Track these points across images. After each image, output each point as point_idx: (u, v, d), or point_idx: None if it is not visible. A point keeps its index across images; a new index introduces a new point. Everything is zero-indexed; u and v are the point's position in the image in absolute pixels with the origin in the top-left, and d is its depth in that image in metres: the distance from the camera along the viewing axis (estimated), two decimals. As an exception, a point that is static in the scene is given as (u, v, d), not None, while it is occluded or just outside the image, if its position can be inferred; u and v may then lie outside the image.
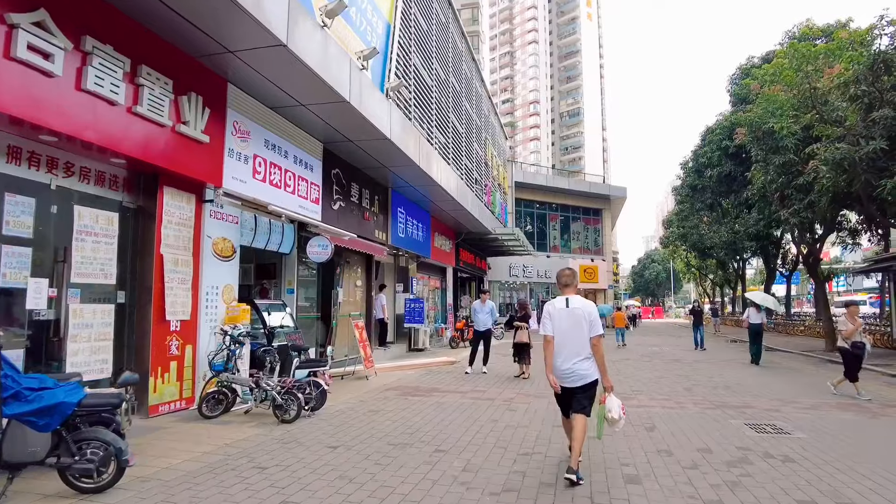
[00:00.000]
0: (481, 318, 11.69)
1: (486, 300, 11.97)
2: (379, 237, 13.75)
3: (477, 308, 11.89)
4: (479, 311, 11.78)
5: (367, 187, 13.02)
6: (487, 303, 11.88)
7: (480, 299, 12.02)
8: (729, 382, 10.55)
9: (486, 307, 11.76)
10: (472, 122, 20.57)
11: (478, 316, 11.75)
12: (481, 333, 11.74)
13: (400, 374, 11.34)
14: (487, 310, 11.73)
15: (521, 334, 11.13)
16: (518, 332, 11.19)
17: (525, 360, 11.03)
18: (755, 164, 18.73)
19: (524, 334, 11.13)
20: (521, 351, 11.09)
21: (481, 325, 11.70)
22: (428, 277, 20.18)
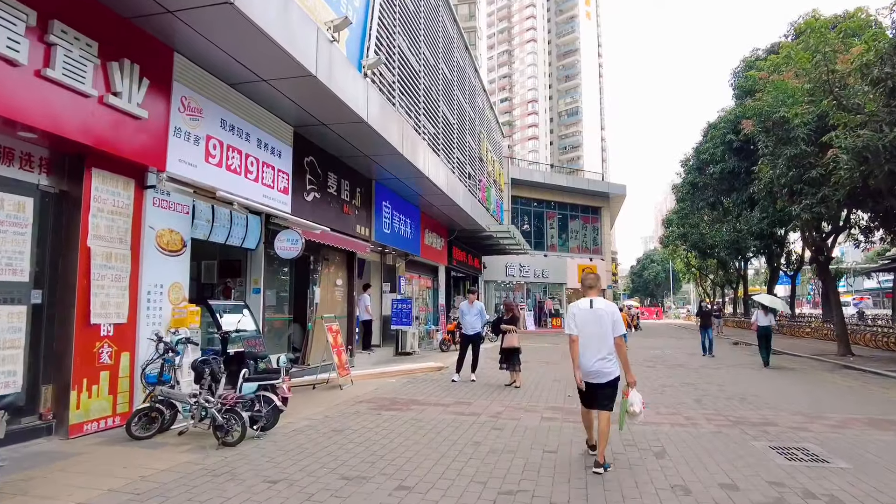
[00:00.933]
0: (469, 321, 10.65)
1: (475, 300, 10.86)
2: (361, 232, 12.73)
3: (464, 309, 10.83)
4: (466, 313, 10.73)
5: (347, 178, 12.01)
6: (476, 303, 10.78)
7: (468, 299, 10.94)
8: (742, 392, 9.55)
9: (475, 308, 10.69)
10: (464, 114, 19.57)
11: (465, 318, 10.70)
12: (469, 338, 10.68)
13: (379, 382, 10.32)
14: (476, 311, 10.66)
15: (510, 338, 10.03)
16: (506, 336, 10.10)
17: (515, 366, 9.98)
18: (762, 159, 17.74)
19: (513, 338, 10.03)
20: (509, 356, 10.04)
21: (469, 329, 10.66)
22: (418, 277, 19.17)
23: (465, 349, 10.70)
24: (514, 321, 10.37)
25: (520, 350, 10.01)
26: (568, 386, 9.88)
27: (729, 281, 47.12)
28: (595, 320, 5.08)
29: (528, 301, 34.47)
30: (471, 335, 10.65)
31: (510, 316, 10.48)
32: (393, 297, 15.80)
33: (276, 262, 10.68)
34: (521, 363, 10.02)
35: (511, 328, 10.15)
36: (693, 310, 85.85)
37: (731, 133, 24.52)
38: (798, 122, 14.22)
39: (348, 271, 13.28)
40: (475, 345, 10.73)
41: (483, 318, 10.72)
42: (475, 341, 10.74)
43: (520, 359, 10.03)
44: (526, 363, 13.99)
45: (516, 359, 9.95)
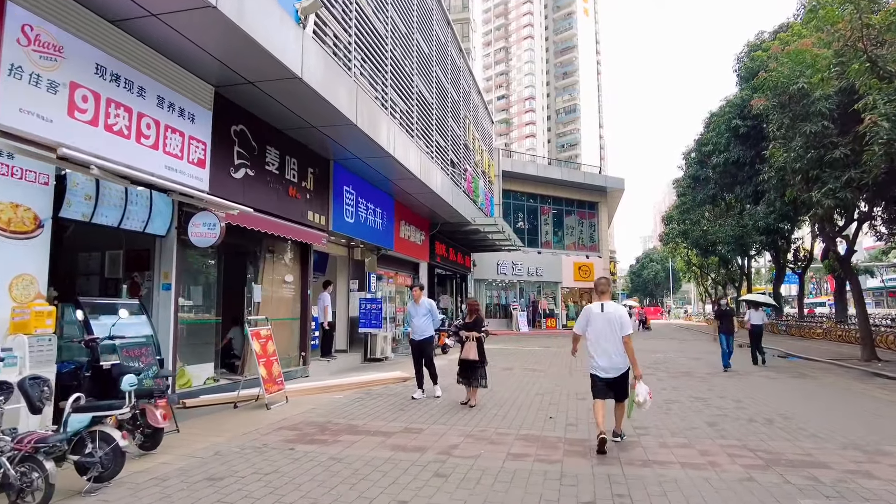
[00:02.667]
0: (417, 324, 8.64)
1: (421, 298, 8.80)
2: (314, 220, 10.92)
3: (410, 309, 8.87)
4: (413, 314, 8.75)
5: (294, 155, 10.20)
6: (423, 301, 8.75)
7: (413, 296, 8.96)
8: (766, 410, 7.74)
9: (422, 307, 8.66)
10: (446, 94, 17.78)
11: (412, 321, 8.74)
12: (417, 344, 8.69)
13: (322, 399, 8.50)
14: (424, 311, 8.65)
15: (469, 348, 7.89)
16: (465, 346, 7.99)
17: (474, 381, 7.91)
18: (773, 142, 15.96)
19: (472, 348, 7.87)
20: (468, 371, 7.94)
21: (417, 333, 8.66)
22: (395, 274, 17.36)
23: (417, 359, 8.74)
24: (476, 325, 8.18)
25: (481, 362, 7.92)
26: (552, 405, 8.07)
27: (731, 279, 45.34)
28: (607, 322, 5.73)
29: (521, 301, 32.68)
30: (418, 341, 8.65)
31: (473, 319, 8.28)
32: (361, 297, 13.99)
33: (200, 254, 8.88)
34: (485, 378, 8.04)
35: (472, 335, 7.96)
36: (694, 310, 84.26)
37: (738, 118, 22.72)
38: (819, 95, 12.42)
39: (301, 266, 11.46)
40: (425, 353, 8.70)
41: (434, 318, 8.72)
42: (424, 348, 8.69)
43: (484, 373, 8.00)
44: (509, 370, 12.25)
45: (477, 373, 7.91)
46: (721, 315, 13.91)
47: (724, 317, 13.72)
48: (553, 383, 10.33)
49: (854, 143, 12.47)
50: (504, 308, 32.58)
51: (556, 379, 11.00)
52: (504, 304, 32.77)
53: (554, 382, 10.44)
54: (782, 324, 28.90)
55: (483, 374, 7.97)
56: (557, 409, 7.72)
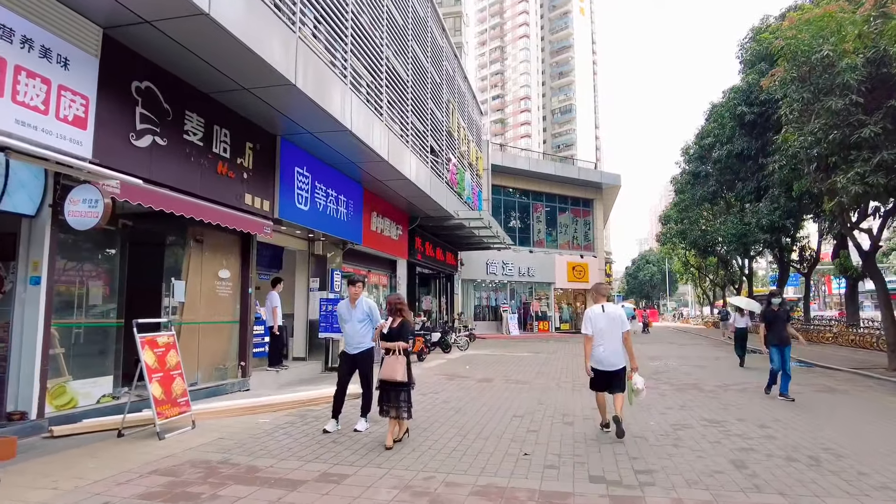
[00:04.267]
0: (350, 331, 6.41)
1: (358, 297, 6.47)
2: (255, 205, 9.20)
3: (343, 312, 6.55)
4: (346, 319, 6.47)
5: (225, 125, 8.48)
6: (361, 303, 6.45)
7: (348, 294, 6.58)
8: (804, 441, 6.05)
9: (359, 310, 6.42)
10: (425, 75, 16.08)
11: (345, 327, 6.50)
12: (351, 358, 6.45)
13: (240, 423, 6.76)
14: (361, 315, 6.41)
15: (391, 365, 5.62)
16: (386, 361, 5.68)
17: (401, 409, 5.65)
18: (786, 126, 14.37)
19: (397, 365, 5.61)
20: (391, 396, 5.68)
21: (353, 345, 6.42)
22: (367, 272, 15.65)
23: (343, 378, 6.40)
24: (403, 333, 5.85)
25: (409, 384, 5.72)
26: (531, 433, 6.36)
27: (731, 281, 43.78)
28: (608, 322, 6.22)
29: (511, 302, 30.99)
30: (352, 355, 6.43)
31: (399, 324, 5.92)
32: (322, 297, 12.26)
33: (95, 241, 7.16)
34: (410, 406, 5.77)
35: (398, 346, 5.70)
36: (691, 312, 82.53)
37: (743, 104, 21.11)
38: (845, 66, 10.78)
39: (242, 260, 9.74)
40: (363, 370, 6.45)
41: (374, 324, 6.59)
42: (362, 365, 6.45)
43: (409, 399, 5.77)
44: (488, 382, 10.53)
45: (402, 398, 5.67)
46: (772, 318, 9.28)
47: (776, 321, 9.20)
48: (537, 399, 8.63)
49: (886, 120, 10.85)
50: (494, 310, 30.88)
51: (542, 393, 9.30)
52: (494, 305, 31.06)
53: (538, 398, 8.74)
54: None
55: (408, 400, 5.73)
56: (537, 439, 6.01)
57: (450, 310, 25.85)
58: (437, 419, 7.01)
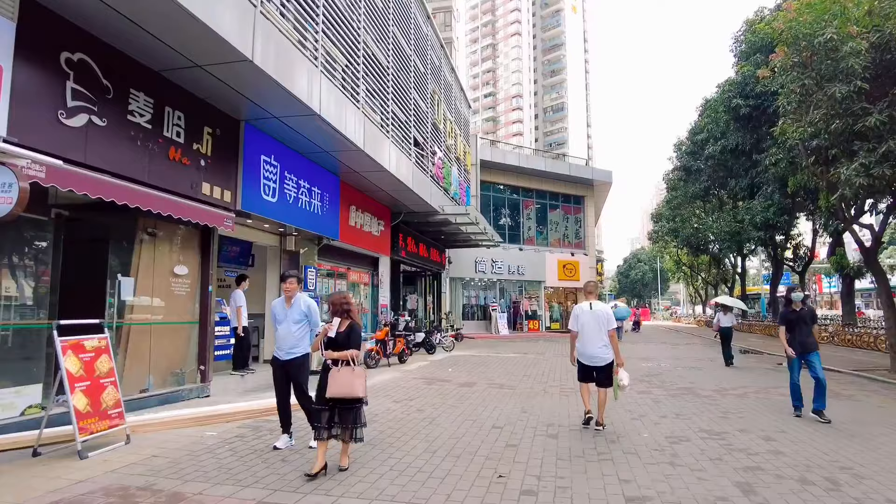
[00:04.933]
0: (283, 333, 5.52)
1: (295, 295, 5.57)
2: (214, 196, 8.43)
3: (276, 311, 5.66)
4: (280, 318, 5.58)
5: (179, 107, 7.70)
6: (298, 300, 5.56)
7: (284, 293, 5.66)
8: (817, 458, 5.38)
9: (296, 309, 5.52)
10: (408, 61, 15.34)
11: (278, 329, 5.61)
12: (282, 365, 5.52)
13: (183, 437, 6.00)
14: (298, 314, 5.51)
15: (346, 378, 4.61)
16: (337, 374, 4.63)
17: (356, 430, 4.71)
18: (784, 118, 13.76)
19: (354, 378, 4.62)
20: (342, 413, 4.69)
21: (283, 347, 5.52)
22: (346, 269, 14.90)
23: (281, 387, 5.54)
24: (352, 339, 4.78)
25: (360, 402, 4.74)
26: (510, 448, 5.65)
27: (724, 279, 43.40)
28: (594, 319, 6.52)
29: (501, 301, 30.31)
30: (284, 361, 5.50)
31: (345, 326, 4.83)
32: (293, 295, 11.48)
33: (19, 232, 6.37)
34: (362, 425, 4.75)
35: (348, 355, 4.68)
36: (683, 311, 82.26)
37: (738, 97, 20.49)
38: (849, 50, 10.15)
39: (202, 255, 8.96)
40: (294, 378, 5.51)
41: (313, 327, 5.62)
42: (295, 373, 5.49)
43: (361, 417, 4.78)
44: (470, 387, 9.80)
45: (353, 417, 4.69)
46: (793, 319, 7.56)
47: (798, 324, 7.51)
48: (521, 407, 7.93)
49: (892, 108, 10.24)
50: (483, 309, 30.19)
51: (527, 399, 8.60)
52: (483, 304, 30.37)
53: (522, 405, 8.04)
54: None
55: (361, 419, 4.73)
56: (515, 455, 5.31)
57: (437, 309, 25.13)
58: (406, 431, 6.28)
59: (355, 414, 4.68)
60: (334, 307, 4.90)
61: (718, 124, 23.83)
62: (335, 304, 4.91)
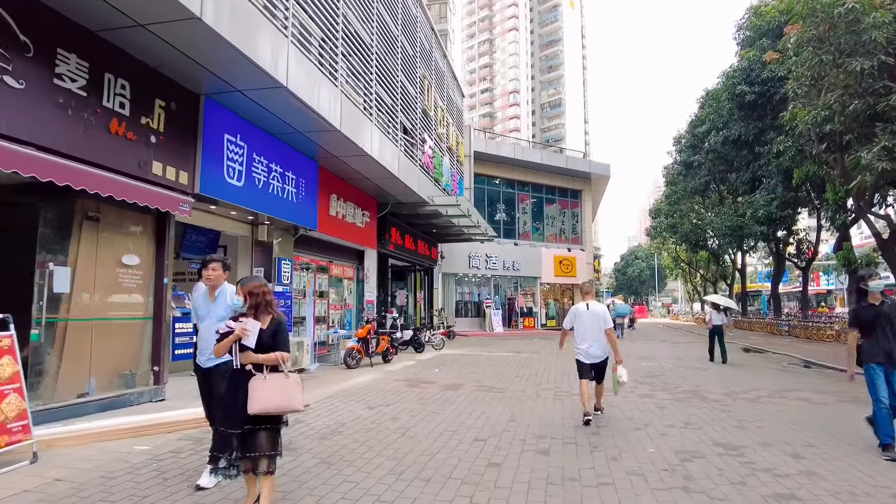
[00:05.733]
0: (207, 334, 4.36)
1: (221, 285, 4.51)
2: (166, 176, 7.51)
3: (199, 305, 4.63)
4: (201, 313, 4.60)
5: (122, 74, 6.76)
6: (225, 293, 4.44)
7: (205, 282, 4.58)
8: (862, 480, 4.52)
9: (220, 304, 4.42)
10: (395, 42, 14.41)
11: (199, 325, 4.64)
12: (204, 374, 4.53)
13: (106, 452, 5.10)
14: (224, 310, 4.28)
15: (279, 386, 3.52)
16: (263, 384, 3.50)
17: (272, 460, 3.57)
18: (794, 102, 12.93)
19: (290, 387, 3.56)
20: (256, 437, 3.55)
21: (206, 353, 4.41)
22: (328, 262, 13.99)
23: (207, 402, 4.54)
24: (277, 338, 3.63)
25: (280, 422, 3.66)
26: (491, 468, 4.77)
27: (723, 276, 42.63)
28: (592, 319, 6.79)
29: (495, 297, 29.45)
30: (206, 369, 4.44)
31: (269, 322, 3.65)
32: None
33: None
34: (277, 452, 3.63)
35: (271, 359, 3.55)
36: (681, 308, 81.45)
37: (744, 84, 19.59)
38: (871, 22, 9.27)
39: (157, 243, 8.05)
40: (217, 391, 4.27)
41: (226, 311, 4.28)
42: (217, 383, 4.27)
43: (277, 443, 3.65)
44: (456, 389, 8.89)
45: (272, 442, 3.59)
46: (871, 318, 5.53)
47: (877, 323, 5.47)
48: (509, 414, 7.05)
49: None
50: (477, 306, 29.31)
51: (517, 404, 7.73)
52: (477, 301, 29.50)
53: (511, 412, 7.16)
54: (783, 324, 25.98)
55: (277, 444, 3.62)
56: (497, 479, 4.43)
57: (429, 305, 24.25)
58: (373, 446, 5.39)
59: (274, 436, 3.59)
60: (252, 299, 3.64)
61: (721, 114, 22.98)
62: (253, 294, 3.64)
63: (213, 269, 4.49)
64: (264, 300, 3.65)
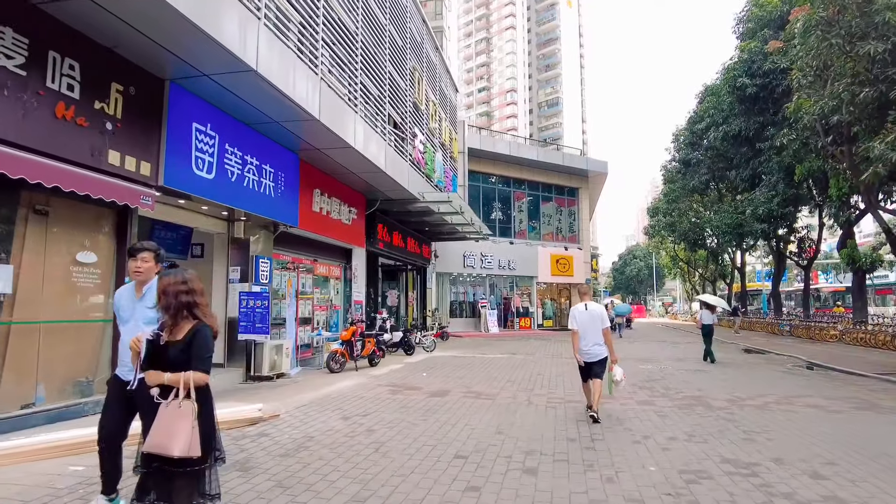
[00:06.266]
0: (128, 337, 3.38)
1: (150, 281, 3.59)
2: (125, 166, 6.91)
3: (123, 303, 3.68)
4: (124, 316, 3.65)
5: (70, 54, 6.15)
6: (154, 290, 3.16)
7: (132, 276, 3.68)
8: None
9: (149, 300, 3.39)
10: (382, 31, 13.80)
11: (121, 327, 3.69)
12: (121, 386, 3.56)
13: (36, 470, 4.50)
14: (153, 312, 3.16)
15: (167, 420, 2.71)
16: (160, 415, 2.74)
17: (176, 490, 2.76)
18: (798, 93, 12.40)
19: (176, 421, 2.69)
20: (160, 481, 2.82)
21: (128, 363, 3.33)
22: (313, 261, 13.38)
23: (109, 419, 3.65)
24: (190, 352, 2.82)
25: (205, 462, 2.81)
26: (472, 490, 4.17)
27: (722, 275, 42.10)
28: (590, 318, 6.99)
29: (491, 297, 28.86)
30: (126, 381, 3.47)
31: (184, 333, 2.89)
32: (241, 290, 10.01)
33: None
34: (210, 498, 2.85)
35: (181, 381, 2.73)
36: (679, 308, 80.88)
37: (745, 76, 19.03)
38: (884, 4, 8.71)
39: (117, 240, 7.44)
40: (143, 409, 3.23)
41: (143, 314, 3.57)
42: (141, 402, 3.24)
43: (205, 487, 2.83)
44: (442, 396, 8.23)
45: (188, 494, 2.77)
46: None
47: None
48: (496, 425, 6.46)
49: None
50: (472, 306, 28.72)
51: (506, 414, 7.14)
52: (472, 301, 28.90)
53: (499, 424, 6.56)
54: (785, 324, 25.44)
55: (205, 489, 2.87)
56: (477, 505, 3.83)
57: (422, 306, 23.65)
58: (339, 465, 4.79)
59: (192, 484, 2.81)
60: (163, 300, 2.90)
61: (721, 108, 22.41)
62: (167, 292, 2.89)
63: (144, 260, 3.61)
64: (178, 302, 2.88)
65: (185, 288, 2.91)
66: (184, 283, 2.92)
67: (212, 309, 9.24)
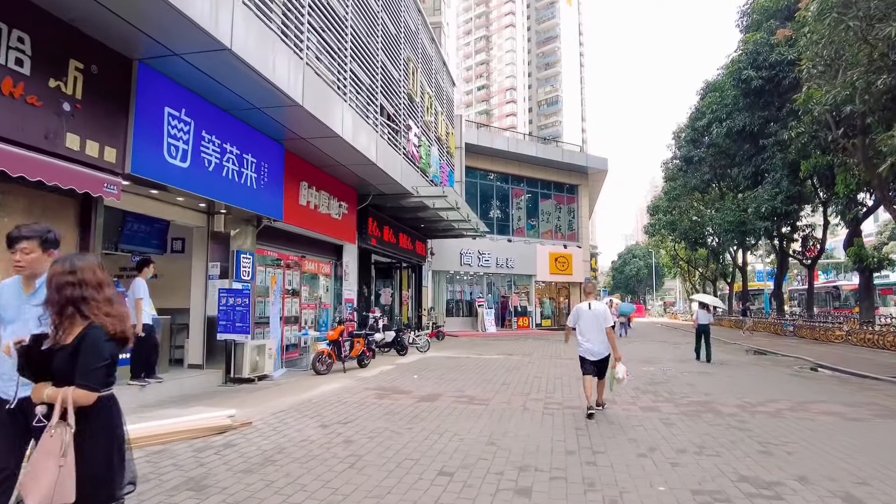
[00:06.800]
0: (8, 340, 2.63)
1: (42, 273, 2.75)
2: (86, 151, 6.34)
3: (9, 300, 2.86)
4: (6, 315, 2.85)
5: (20, 26, 5.59)
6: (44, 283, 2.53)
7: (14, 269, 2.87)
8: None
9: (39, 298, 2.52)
10: (374, 17, 13.24)
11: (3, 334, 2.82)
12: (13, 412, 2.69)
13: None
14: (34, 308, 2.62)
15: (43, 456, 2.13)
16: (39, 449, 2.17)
17: None
18: (808, 83, 11.86)
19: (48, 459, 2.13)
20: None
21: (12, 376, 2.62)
22: (301, 258, 12.82)
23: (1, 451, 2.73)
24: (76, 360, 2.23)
25: None
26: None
27: (723, 274, 41.58)
28: (594, 317, 7.12)
29: (488, 296, 28.31)
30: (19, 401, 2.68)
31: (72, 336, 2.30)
32: (221, 287, 9.45)
33: None
34: None
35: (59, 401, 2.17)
36: (679, 308, 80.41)
37: (751, 68, 18.46)
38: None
39: (80, 232, 6.88)
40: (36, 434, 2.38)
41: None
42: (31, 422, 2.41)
43: None
44: (432, 400, 7.69)
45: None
46: None
47: None
48: (488, 435, 5.90)
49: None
50: (469, 305, 28.17)
51: (500, 422, 6.58)
52: (469, 300, 28.36)
53: (491, 433, 6.01)
54: (788, 324, 24.91)
55: None
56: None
57: (417, 304, 23.10)
58: (307, 483, 4.24)
59: None
60: (49, 292, 2.34)
61: (724, 104, 21.86)
62: (57, 285, 2.32)
63: (27, 248, 2.82)
64: (62, 297, 2.29)
65: (73, 279, 2.32)
66: (71, 274, 2.33)
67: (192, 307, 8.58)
